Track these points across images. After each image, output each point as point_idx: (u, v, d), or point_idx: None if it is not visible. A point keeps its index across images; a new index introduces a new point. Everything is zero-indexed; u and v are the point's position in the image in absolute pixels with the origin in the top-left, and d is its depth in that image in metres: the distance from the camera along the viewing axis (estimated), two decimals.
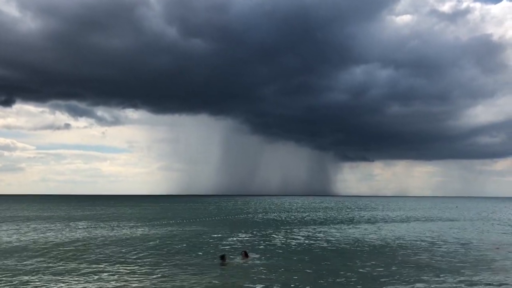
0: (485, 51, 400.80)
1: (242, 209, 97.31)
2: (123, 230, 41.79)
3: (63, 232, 39.12)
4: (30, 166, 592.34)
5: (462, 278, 19.36)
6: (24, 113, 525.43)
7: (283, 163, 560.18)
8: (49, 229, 42.31)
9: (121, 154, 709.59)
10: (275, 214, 73.30)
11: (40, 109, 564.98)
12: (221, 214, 74.04)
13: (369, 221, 53.59)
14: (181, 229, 42.82)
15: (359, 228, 44.67)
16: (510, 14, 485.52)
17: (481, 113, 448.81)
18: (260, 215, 69.83)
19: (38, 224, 48.31)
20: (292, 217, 65.70)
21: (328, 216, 67.00)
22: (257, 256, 24.89)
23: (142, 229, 42.98)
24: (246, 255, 24.15)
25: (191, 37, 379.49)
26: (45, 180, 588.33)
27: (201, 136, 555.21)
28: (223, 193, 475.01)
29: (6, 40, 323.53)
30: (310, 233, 38.81)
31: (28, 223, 49.28)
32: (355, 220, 55.62)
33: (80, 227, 45.57)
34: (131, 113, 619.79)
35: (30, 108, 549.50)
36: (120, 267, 21.70)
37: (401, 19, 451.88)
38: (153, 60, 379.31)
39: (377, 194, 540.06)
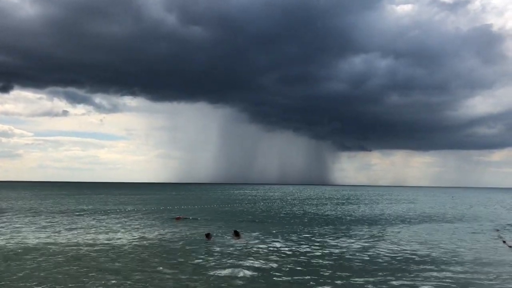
0: (485, 41, 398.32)
1: (239, 198, 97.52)
2: (120, 218, 41.67)
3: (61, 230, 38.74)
4: (27, 152, 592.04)
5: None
6: (22, 100, 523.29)
7: (281, 152, 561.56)
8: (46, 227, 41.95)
9: (119, 141, 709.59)
10: (277, 204, 73.41)
11: (38, 95, 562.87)
12: (218, 202, 74.13)
13: (363, 219, 53.58)
14: (174, 215, 42.77)
15: (357, 223, 44.56)
16: (510, 5, 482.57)
17: (480, 104, 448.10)
18: (260, 204, 69.91)
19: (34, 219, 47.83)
20: (295, 209, 65.73)
21: (328, 209, 67.20)
22: (249, 238, 24.50)
23: (136, 215, 42.84)
24: (237, 234, 23.89)
25: (191, 25, 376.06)
26: (43, 166, 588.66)
27: (199, 124, 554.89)
28: (222, 181, 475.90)
29: (5, 25, 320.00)
30: (309, 225, 38.71)
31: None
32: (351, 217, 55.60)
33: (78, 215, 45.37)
34: (129, 101, 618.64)
35: (28, 94, 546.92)
36: (110, 247, 21.49)
37: (401, 9, 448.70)
38: (152, 48, 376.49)
39: (374, 184, 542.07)
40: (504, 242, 23.89)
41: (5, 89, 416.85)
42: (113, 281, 14.44)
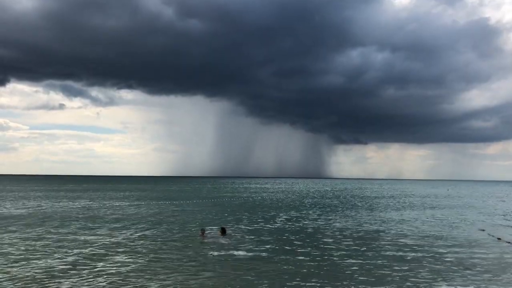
0: (482, 35, 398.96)
1: (233, 191, 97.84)
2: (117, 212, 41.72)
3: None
4: (23, 146, 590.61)
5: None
6: (17, 93, 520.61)
7: (278, 146, 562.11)
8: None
9: (115, 134, 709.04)
10: (265, 195, 73.72)
11: (34, 88, 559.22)
12: (211, 196, 74.39)
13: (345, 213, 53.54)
14: (169, 209, 42.93)
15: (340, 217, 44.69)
16: None
17: (476, 97, 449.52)
18: (250, 197, 70.18)
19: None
20: (281, 200, 65.99)
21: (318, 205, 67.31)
22: (233, 233, 25.28)
23: (133, 209, 42.95)
24: (223, 231, 24.66)
25: (188, 18, 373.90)
26: (38, 160, 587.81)
27: (196, 118, 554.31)
28: (218, 174, 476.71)
29: (2, 19, 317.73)
30: (290, 217, 39.04)
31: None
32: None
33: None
34: (125, 94, 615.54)
35: (24, 87, 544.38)
36: (107, 241, 21.65)
37: (399, 2, 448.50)
38: (150, 41, 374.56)
39: (370, 177, 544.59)
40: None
41: (1, 82, 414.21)
42: (106, 274, 14.62)
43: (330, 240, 23.32)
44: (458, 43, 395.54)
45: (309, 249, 20.44)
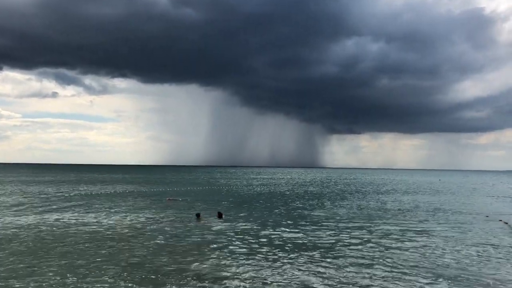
0: (476, 25, 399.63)
1: (226, 181, 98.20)
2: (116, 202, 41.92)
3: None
4: (15, 134, 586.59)
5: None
6: (10, 80, 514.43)
7: (272, 135, 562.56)
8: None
9: (108, 123, 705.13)
10: (261, 188, 74.08)
11: (27, 76, 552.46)
12: (207, 185, 74.80)
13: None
14: (163, 197, 43.28)
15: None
16: None
17: (469, 88, 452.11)
18: (245, 188, 70.58)
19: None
20: (272, 190, 66.50)
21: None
22: (230, 217, 25.91)
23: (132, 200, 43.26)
24: (220, 215, 25.36)
25: (183, 6, 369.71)
26: (31, 148, 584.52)
27: (190, 107, 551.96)
28: (213, 164, 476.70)
29: None
30: (284, 204, 39.53)
31: None
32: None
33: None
34: (119, 82, 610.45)
35: (16, 75, 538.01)
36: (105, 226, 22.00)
37: None
38: (144, 29, 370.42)
39: (364, 166, 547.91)
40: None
41: None
42: (106, 259, 14.94)
43: (319, 222, 23.96)
44: (453, 33, 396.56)
45: (297, 229, 21.07)
